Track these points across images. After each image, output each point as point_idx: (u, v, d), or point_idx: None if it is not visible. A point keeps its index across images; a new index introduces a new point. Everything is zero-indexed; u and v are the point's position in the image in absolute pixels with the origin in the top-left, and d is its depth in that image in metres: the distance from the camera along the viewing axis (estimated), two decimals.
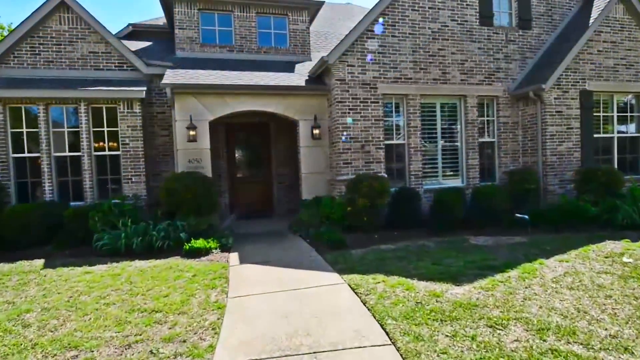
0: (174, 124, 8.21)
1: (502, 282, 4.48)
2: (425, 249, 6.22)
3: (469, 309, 3.77)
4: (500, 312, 3.72)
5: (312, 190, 8.83)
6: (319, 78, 9.12)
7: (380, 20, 8.48)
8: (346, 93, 8.32)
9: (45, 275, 5.43)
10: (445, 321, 3.54)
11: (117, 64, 9.01)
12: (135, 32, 11.72)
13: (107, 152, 8.54)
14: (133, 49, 9.69)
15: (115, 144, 8.55)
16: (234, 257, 6.16)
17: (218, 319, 3.85)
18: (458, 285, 4.39)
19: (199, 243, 6.37)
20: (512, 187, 8.79)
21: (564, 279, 4.58)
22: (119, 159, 8.49)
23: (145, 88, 8.46)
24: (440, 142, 9.25)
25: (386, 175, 8.26)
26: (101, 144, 8.51)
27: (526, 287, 4.31)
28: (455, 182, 9.34)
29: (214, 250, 6.42)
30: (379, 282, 4.57)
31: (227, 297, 4.42)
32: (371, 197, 7.29)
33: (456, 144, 9.37)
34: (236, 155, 10.79)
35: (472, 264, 5.24)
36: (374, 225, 7.52)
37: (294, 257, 6.07)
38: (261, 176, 10.95)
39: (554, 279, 4.56)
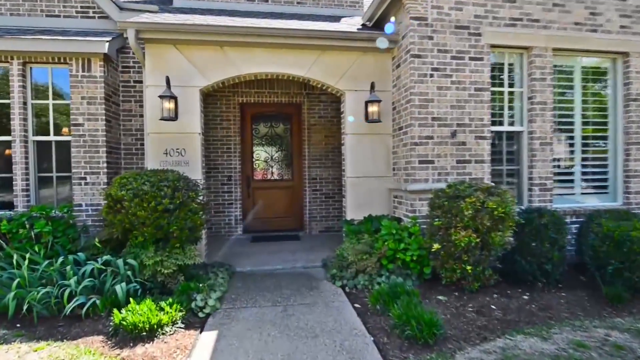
0: (144, 92, 5.13)
1: None
2: None
3: None
4: None
5: (362, 205, 5.44)
6: (378, 26, 5.73)
7: None
8: (428, 42, 4.84)
9: None
10: None
11: (79, 9, 6.08)
12: None
13: (52, 137, 5.62)
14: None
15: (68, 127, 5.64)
16: (202, 351, 2.90)
17: None
18: None
19: (140, 313, 3.15)
20: None
21: None
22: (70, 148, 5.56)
23: (109, 39, 5.46)
24: (580, 132, 5.53)
25: (493, 186, 4.69)
26: (45, 123, 5.61)
27: None
28: (601, 200, 5.58)
29: (167, 329, 3.17)
30: None
31: None
32: (482, 227, 3.77)
33: (605, 135, 5.61)
34: (254, 148, 7.60)
35: None
36: (483, 279, 4.00)
37: None
38: (288, 180, 7.69)
39: None
